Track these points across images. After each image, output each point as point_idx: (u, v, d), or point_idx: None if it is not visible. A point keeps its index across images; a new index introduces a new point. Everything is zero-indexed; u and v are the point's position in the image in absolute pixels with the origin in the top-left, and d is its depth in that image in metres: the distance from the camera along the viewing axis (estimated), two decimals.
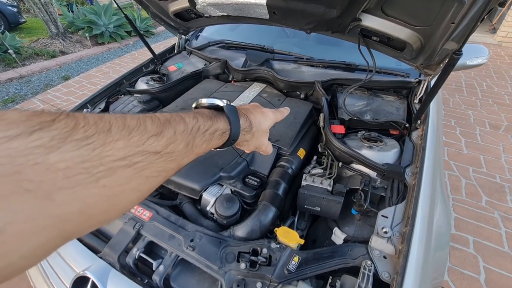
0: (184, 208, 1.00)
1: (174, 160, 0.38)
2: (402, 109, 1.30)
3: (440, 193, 1.08)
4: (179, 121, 0.40)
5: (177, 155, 0.38)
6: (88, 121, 0.29)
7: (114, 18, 6.00)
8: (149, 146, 0.34)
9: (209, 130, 0.45)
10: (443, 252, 1.00)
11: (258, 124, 0.59)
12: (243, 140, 0.57)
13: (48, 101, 3.61)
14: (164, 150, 0.36)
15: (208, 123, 0.45)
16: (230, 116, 0.51)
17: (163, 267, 0.82)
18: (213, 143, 0.47)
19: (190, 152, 0.41)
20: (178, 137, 0.39)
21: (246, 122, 0.55)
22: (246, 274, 0.78)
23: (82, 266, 0.86)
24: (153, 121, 0.36)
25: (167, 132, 0.37)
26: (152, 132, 0.35)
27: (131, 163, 0.31)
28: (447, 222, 1.07)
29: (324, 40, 1.84)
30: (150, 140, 0.34)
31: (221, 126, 0.48)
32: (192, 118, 0.43)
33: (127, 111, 1.42)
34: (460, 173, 2.40)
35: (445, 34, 0.93)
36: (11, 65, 4.62)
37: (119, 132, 0.31)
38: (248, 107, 0.61)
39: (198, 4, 1.37)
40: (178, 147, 0.38)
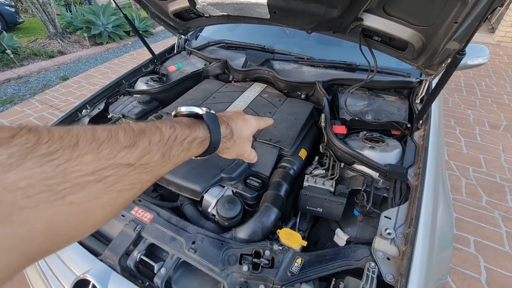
0: (185, 210, 0.99)
1: (149, 171, 0.37)
2: (404, 109, 1.30)
3: (442, 193, 1.08)
4: (155, 130, 0.39)
5: (152, 166, 0.37)
6: (53, 136, 0.27)
7: (113, 18, 5.97)
8: (121, 159, 0.33)
9: (187, 139, 0.44)
10: (447, 252, 1.00)
11: (240, 131, 0.58)
12: (225, 148, 0.56)
13: (46, 102, 3.59)
14: (138, 161, 0.35)
15: (186, 132, 0.44)
16: (210, 123, 0.50)
17: (165, 269, 0.81)
18: (192, 152, 0.46)
19: (167, 162, 0.40)
20: (153, 147, 0.37)
21: (227, 129, 0.55)
22: (248, 277, 0.77)
23: (83, 269, 0.85)
24: (126, 132, 0.35)
25: (141, 143, 0.36)
26: (124, 144, 0.34)
27: (101, 178, 0.30)
28: (450, 222, 1.07)
29: (325, 40, 1.84)
30: (123, 152, 0.33)
31: (200, 134, 0.47)
32: (169, 127, 0.42)
33: (127, 112, 1.41)
34: (460, 173, 2.40)
35: (448, 33, 0.93)
36: (9, 66, 4.60)
37: (88, 145, 0.30)
38: (230, 114, 0.60)
39: (198, 4, 1.36)
40: (154, 158, 0.37)
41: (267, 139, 1.15)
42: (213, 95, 1.46)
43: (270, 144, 1.13)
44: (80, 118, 1.44)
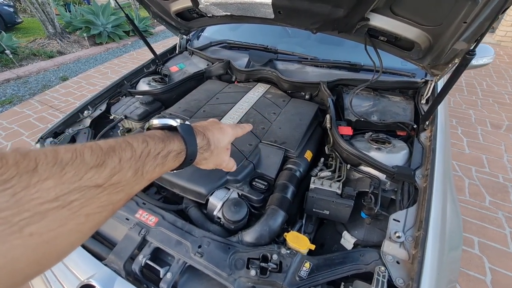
0: (190, 213, 0.97)
1: (121, 190, 0.35)
2: (409, 109, 1.28)
3: (450, 194, 1.06)
4: (125, 147, 0.38)
5: (124, 185, 0.36)
6: (7, 161, 0.25)
7: (112, 18, 5.95)
8: (88, 180, 0.31)
9: (161, 153, 0.43)
10: (456, 253, 0.98)
11: (217, 141, 0.57)
12: (202, 159, 0.55)
13: (46, 102, 3.56)
14: (108, 182, 0.33)
15: (159, 146, 0.43)
16: (185, 135, 0.49)
17: (171, 274, 0.79)
18: (168, 166, 0.45)
19: (140, 180, 0.39)
20: (124, 165, 0.36)
21: (203, 140, 0.54)
22: (256, 281, 0.76)
23: (87, 274, 0.83)
24: (93, 151, 0.33)
25: (110, 161, 0.34)
26: (91, 164, 0.32)
27: (65, 203, 0.28)
28: (458, 222, 1.05)
29: (328, 40, 1.82)
30: (90, 173, 0.31)
31: (175, 147, 0.46)
32: (141, 142, 0.40)
33: (129, 113, 1.39)
34: (463, 173, 2.39)
35: (456, 33, 0.91)
36: (8, 66, 4.57)
37: (49, 169, 0.27)
38: (206, 124, 0.59)
39: (201, 4, 1.34)
40: (125, 176, 0.36)
41: (272, 140, 1.14)
42: (216, 95, 1.44)
43: (276, 146, 1.12)
44: (81, 120, 1.43)
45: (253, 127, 1.20)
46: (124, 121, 1.42)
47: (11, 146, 2.73)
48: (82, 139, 1.30)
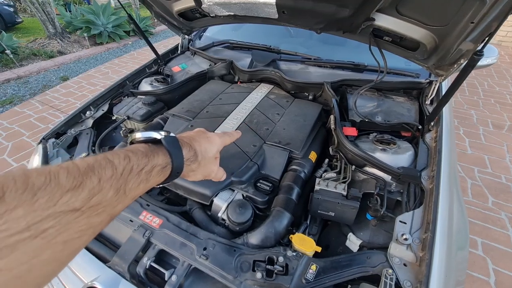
0: (194, 215, 0.97)
1: (102, 212, 0.33)
2: (414, 110, 1.28)
3: (456, 193, 1.06)
4: (106, 165, 0.35)
5: (105, 205, 0.34)
6: None
7: (113, 18, 5.94)
8: (64, 205, 0.28)
9: (145, 169, 0.41)
10: (464, 252, 0.98)
11: (204, 151, 0.56)
12: (189, 171, 0.53)
13: (47, 102, 3.55)
14: (86, 204, 0.31)
15: (143, 161, 0.41)
16: (170, 148, 0.47)
17: (176, 277, 0.79)
18: (153, 181, 0.43)
19: (123, 198, 0.37)
20: (104, 184, 0.34)
21: (190, 151, 0.52)
22: (262, 284, 0.75)
23: (91, 276, 0.82)
24: (69, 172, 0.31)
25: (89, 182, 0.32)
26: (67, 187, 0.29)
27: (38, 232, 0.26)
28: (465, 221, 1.04)
29: (331, 40, 1.81)
30: (66, 197, 0.29)
31: (160, 161, 0.44)
32: (123, 158, 0.38)
33: (132, 113, 1.38)
34: (466, 174, 2.39)
35: (462, 34, 0.91)
36: (8, 66, 4.56)
37: (18, 197, 0.25)
38: (192, 135, 0.57)
39: (204, 4, 1.33)
40: (106, 196, 0.34)
41: (276, 141, 1.13)
42: (219, 96, 1.43)
43: (280, 147, 1.11)
44: (84, 120, 1.42)
45: (257, 128, 1.20)
46: (127, 121, 1.41)
47: (12, 146, 2.72)
48: (84, 140, 1.29)
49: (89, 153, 1.21)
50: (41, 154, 1.19)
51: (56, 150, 1.24)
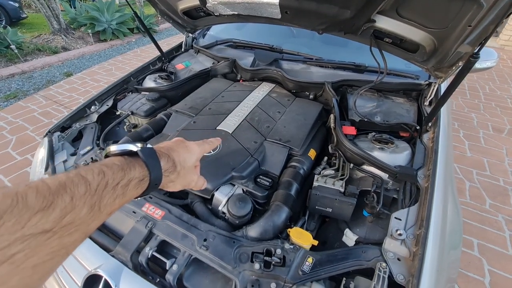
0: (195, 208, 0.99)
1: (76, 230, 0.32)
2: (413, 111, 1.30)
3: (451, 194, 1.08)
4: (79, 181, 0.34)
5: (79, 224, 0.32)
6: None
7: (117, 15, 5.97)
8: (33, 228, 0.27)
9: (120, 183, 0.39)
10: (456, 251, 1.00)
11: (183, 161, 0.54)
12: (168, 182, 0.51)
13: (50, 97, 3.59)
14: (58, 224, 0.29)
15: (118, 175, 0.40)
16: (147, 160, 0.45)
17: (177, 266, 0.81)
18: (130, 195, 0.42)
19: (98, 215, 0.35)
20: (77, 202, 0.32)
21: (168, 162, 0.50)
22: (260, 275, 0.78)
23: (94, 264, 0.85)
24: (38, 192, 0.29)
25: (60, 201, 0.30)
26: (36, 208, 0.28)
27: (5, 258, 0.25)
28: (459, 221, 1.07)
29: (333, 41, 1.83)
30: (35, 219, 0.27)
31: (137, 174, 0.43)
32: (97, 174, 0.37)
33: (136, 109, 1.41)
34: (464, 176, 2.40)
35: (460, 37, 0.93)
36: (12, 61, 4.60)
37: None
38: (170, 145, 0.55)
39: (208, 3, 1.36)
40: (79, 214, 0.32)
41: (276, 138, 1.15)
42: (222, 94, 1.46)
43: (280, 144, 1.13)
44: (88, 115, 1.45)
45: (258, 125, 1.23)
46: (131, 117, 1.44)
47: (16, 140, 2.76)
48: (89, 134, 1.32)
49: (93, 147, 1.23)
50: (47, 147, 1.22)
51: (61, 143, 1.27)
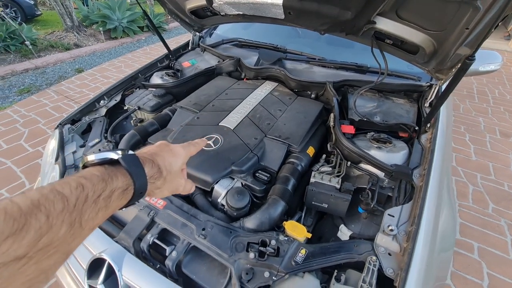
0: (195, 199, 1.03)
1: (55, 252, 0.29)
2: (412, 112, 1.31)
3: (447, 196, 1.09)
4: (54, 198, 0.31)
5: (58, 244, 0.30)
6: None
7: (128, 13, 6.09)
8: (4, 255, 0.24)
9: (102, 195, 0.37)
10: (447, 254, 1.02)
11: (169, 166, 0.51)
12: (154, 189, 0.49)
13: (62, 93, 3.70)
14: (33, 249, 0.27)
15: (99, 187, 0.37)
16: (130, 168, 0.42)
17: (176, 253, 0.86)
18: (114, 207, 0.39)
19: (79, 232, 0.33)
20: (54, 221, 0.29)
21: (153, 168, 0.47)
22: (254, 264, 0.81)
23: (99, 249, 0.90)
24: (7, 214, 0.26)
25: (34, 221, 0.27)
26: (6, 232, 0.25)
27: None
28: (453, 225, 1.09)
29: (336, 41, 1.85)
30: (5, 245, 0.25)
31: (120, 184, 0.40)
32: (75, 187, 0.34)
33: (142, 104, 1.46)
34: (468, 180, 2.39)
35: (459, 39, 0.95)
36: (27, 56, 4.74)
37: None
38: (154, 149, 0.52)
39: (215, 3, 1.40)
40: (58, 234, 0.30)
41: (276, 135, 1.19)
42: (226, 91, 1.50)
43: (279, 141, 1.17)
44: (97, 109, 1.51)
45: (259, 122, 1.26)
46: (137, 112, 1.49)
47: (28, 133, 2.86)
48: (98, 127, 1.38)
49: (101, 139, 1.29)
50: (58, 138, 1.29)
51: (71, 135, 1.33)
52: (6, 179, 2.31)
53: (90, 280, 0.88)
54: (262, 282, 0.79)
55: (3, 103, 3.49)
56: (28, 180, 2.30)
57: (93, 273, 0.89)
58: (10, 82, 4.04)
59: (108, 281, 0.86)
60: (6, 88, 3.87)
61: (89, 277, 0.88)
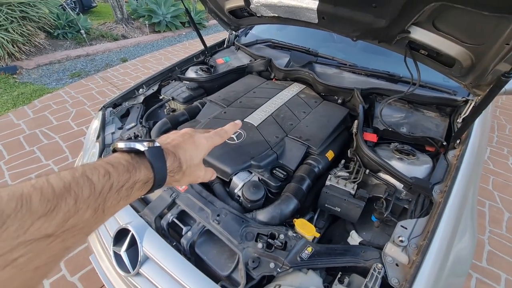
0: (214, 188, 1.10)
1: (78, 233, 0.32)
2: (442, 126, 1.27)
3: (470, 221, 1.05)
4: (83, 183, 0.33)
5: (82, 227, 0.32)
6: None
7: (172, 9, 6.42)
8: (36, 232, 0.27)
9: (125, 186, 0.38)
10: (459, 280, 0.98)
11: (190, 159, 0.52)
12: (173, 181, 0.50)
13: (107, 79, 4.03)
14: (61, 229, 0.30)
15: (124, 177, 0.39)
16: (154, 161, 0.44)
17: (191, 233, 0.93)
18: (133, 197, 0.41)
19: (101, 217, 0.36)
20: (81, 205, 0.32)
21: (174, 162, 0.48)
22: (261, 254, 0.86)
23: (125, 220, 1.00)
24: (42, 195, 0.29)
25: (64, 204, 0.30)
26: (40, 212, 0.28)
27: (8, 262, 0.25)
28: (471, 252, 1.04)
29: (371, 49, 1.81)
30: (37, 223, 0.27)
31: (142, 177, 0.41)
32: (103, 175, 0.36)
33: (176, 95, 1.58)
34: (504, 206, 2.21)
35: (498, 54, 0.90)
36: (80, 44, 5.23)
37: None
38: (178, 141, 0.52)
39: (252, 4, 1.46)
40: (83, 218, 0.32)
41: (297, 136, 1.22)
42: (254, 89, 1.56)
43: (300, 141, 1.20)
44: (136, 96, 1.65)
45: (282, 122, 1.30)
46: (171, 102, 1.61)
47: (75, 113, 3.17)
48: (135, 113, 1.51)
49: (137, 124, 1.42)
50: (100, 119, 1.44)
51: (112, 118, 1.48)
52: (54, 152, 2.59)
53: (115, 247, 0.98)
54: (267, 271, 0.83)
55: (57, 85, 3.89)
56: (71, 154, 2.56)
57: (118, 242, 1.00)
58: (65, 66, 4.49)
59: (130, 250, 0.96)
60: (61, 71, 4.31)
61: (114, 244, 0.99)
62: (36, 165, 2.43)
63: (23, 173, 2.34)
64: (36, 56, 4.57)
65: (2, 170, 2.36)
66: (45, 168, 2.40)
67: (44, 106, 3.29)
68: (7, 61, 4.09)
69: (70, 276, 1.64)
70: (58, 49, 4.94)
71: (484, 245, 1.90)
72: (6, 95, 3.49)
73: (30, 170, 2.37)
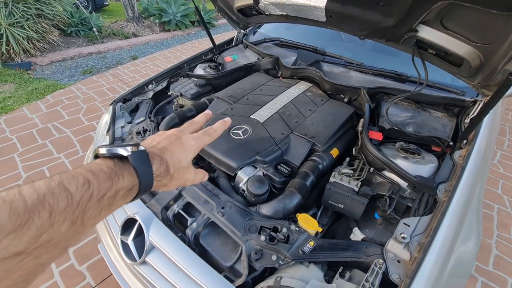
0: (219, 181, 1.13)
1: (53, 248, 0.30)
2: (449, 127, 1.26)
3: (475, 224, 1.04)
4: (60, 194, 0.31)
5: (58, 240, 0.30)
6: None
7: (182, 8, 6.49)
8: (3, 251, 0.25)
9: (107, 194, 0.36)
10: (460, 281, 0.98)
11: (177, 162, 0.49)
12: (160, 186, 0.48)
13: (117, 76, 4.11)
14: (33, 245, 0.27)
15: (106, 185, 0.36)
16: (138, 167, 0.41)
17: (196, 224, 0.96)
18: (117, 206, 0.39)
19: (80, 229, 0.33)
20: (57, 218, 0.29)
21: (161, 166, 0.46)
22: (264, 246, 0.88)
23: (133, 210, 1.04)
24: (12, 209, 0.26)
25: (37, 218, 0.28)
26: (8, 229, 0.25)
27: None
28: (474, 254, 1.03)
29: (378, 48, 1.82)
30: (5, 241, 0.25)
31: (126, 184, 0.39)
32: (82, 184, 0.33)
33: (184, 92, 1.61)
34: None
35: (507, 54, 0.90)
36: (92, 41, 5.34)
37: None
38: (164, 144, 0.50)
39: (260, 2, 1.48)
40: (59, 231, 0.30)
41: (303, 133, 1.23)
42: (260, 87, 1.57)
43: (305, 138, 1.21)
44: (146, 92, 1.69)
45: (288, 119, 1.31)
46: (179, 98, 1.64)
47: (86, 108, 3.25)
48: (144, 108, 1.55)
49: (146, 118, 1.45)
50: (111, 113, 1.48)
51: (122, 112, 1.52)
52: (65, 145, 2.66)
53: (123, 236, 1.02)
54: (269, 263, 0.85)
55: (70, 81, 3.99)
56: (81, 148, 2.63)
57: (125, 231, 1.03)
58: (77, 63, 4.60)
59: (137, 239, 0.99)
60: (73, 67, 4.42)
61: (122, 233, 1.02)
62: (48, 158, 2.51)
63: (36, 165, 2.41)
64: (50, 53, 4.69)
65: (15, 162, 2.44)
66: (56, 161, 2.47)
67: (56, 101, 3.38)
68: (22, 57, 4.22)
69: (78, 265, 1.69)
70: (71, 46, 5.06)
71: (492, 249, 1.88)
72: (21, 90, 3.60)
73: (42, 163, 2.45)
